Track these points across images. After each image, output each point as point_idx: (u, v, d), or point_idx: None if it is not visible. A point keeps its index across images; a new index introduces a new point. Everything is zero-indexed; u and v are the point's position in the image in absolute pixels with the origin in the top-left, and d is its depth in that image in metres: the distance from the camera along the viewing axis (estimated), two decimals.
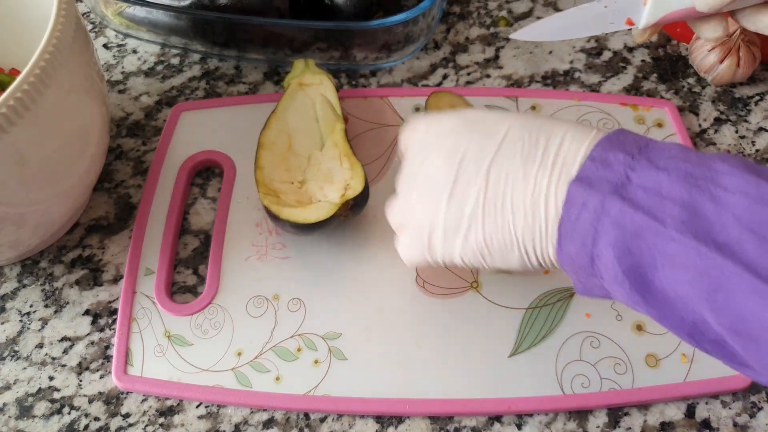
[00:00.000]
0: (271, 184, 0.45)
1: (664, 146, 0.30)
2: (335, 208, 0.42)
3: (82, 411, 0.42)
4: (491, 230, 0.32)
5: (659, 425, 0.40)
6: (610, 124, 0.50)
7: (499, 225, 0.32)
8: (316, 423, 0.41)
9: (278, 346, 0.42)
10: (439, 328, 0.42)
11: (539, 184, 0.31)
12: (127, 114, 0.54)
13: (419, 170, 0.35)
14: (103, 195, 0.50)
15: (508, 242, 0.32)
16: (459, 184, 0.32)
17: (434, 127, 0.35)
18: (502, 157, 0.32)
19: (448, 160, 0.33)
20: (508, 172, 0.31)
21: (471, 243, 0.33)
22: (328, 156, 0.46)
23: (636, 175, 0.29)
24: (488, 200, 0.32)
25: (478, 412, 0.40)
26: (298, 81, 0.50)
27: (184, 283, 0.46)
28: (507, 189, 0.31)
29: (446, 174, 0.33)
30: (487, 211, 0.32)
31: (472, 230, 0.32)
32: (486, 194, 0.32)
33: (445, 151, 0.33)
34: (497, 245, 0.32)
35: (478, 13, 0.59)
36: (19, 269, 0.47)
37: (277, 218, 0.43)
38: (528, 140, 0.32)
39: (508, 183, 0.31)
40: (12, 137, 0.35)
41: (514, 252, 0.32)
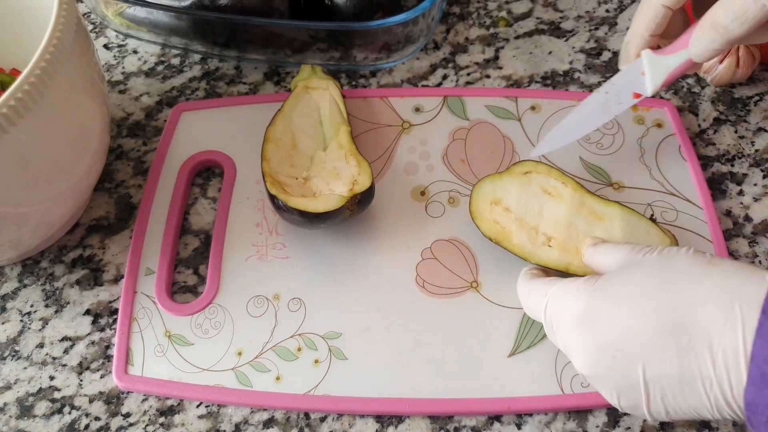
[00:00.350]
0: (276, 177, 0.45)
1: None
2: (344, 201, 0.42)
3: (82, 411, 0.42)
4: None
5: (659, 425, 0.40)
6: (609, 125, 0.50)
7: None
8: (316, 423, 0.41)
9: (278, 346, 0.42)
10: (439, 328, 0.42)
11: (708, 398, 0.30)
12: (127, 114, 0.54)
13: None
14: (104, 195, 0.50)
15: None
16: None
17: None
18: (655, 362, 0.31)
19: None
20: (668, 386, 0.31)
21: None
22: (334, 156, 0.47)
23: None
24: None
25: (477, 412, 0.40)
26: (305, 84, 0.50)
27: (184, 283, 0.46)
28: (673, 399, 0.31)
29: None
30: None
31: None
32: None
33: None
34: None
35: (477, 13, 0.59)
36: (20, 269, 0.47)
37: (283, 208, 0.42)
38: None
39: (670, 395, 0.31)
40: (13, 137, 0.35)
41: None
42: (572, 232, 0.42)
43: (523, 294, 0.39)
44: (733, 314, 0.29)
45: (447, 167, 0.49)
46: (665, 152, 0.49)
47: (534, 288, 0.38)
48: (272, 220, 0.47)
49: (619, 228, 0.41)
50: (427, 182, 0.48)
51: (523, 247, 0.42)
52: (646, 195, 0.47)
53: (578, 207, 0.42)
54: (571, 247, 0.41)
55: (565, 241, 0.41)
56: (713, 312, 0.29)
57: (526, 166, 0.44)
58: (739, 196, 0.48)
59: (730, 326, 0.28)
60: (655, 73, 0.41)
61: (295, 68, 0.56)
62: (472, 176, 0.48)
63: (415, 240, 0.46)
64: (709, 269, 0.31)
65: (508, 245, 0.42)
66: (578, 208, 0.42)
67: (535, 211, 0.43)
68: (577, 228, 0.42)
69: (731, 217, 0.47)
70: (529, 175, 0.44)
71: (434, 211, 0.47)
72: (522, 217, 0.43)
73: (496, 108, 0.52)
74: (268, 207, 0.48)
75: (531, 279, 0.39)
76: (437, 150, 0.50)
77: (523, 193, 0.43)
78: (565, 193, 0.43)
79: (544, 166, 0.44)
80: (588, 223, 0.42)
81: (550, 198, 0.43)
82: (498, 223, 0.43)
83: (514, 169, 0.44)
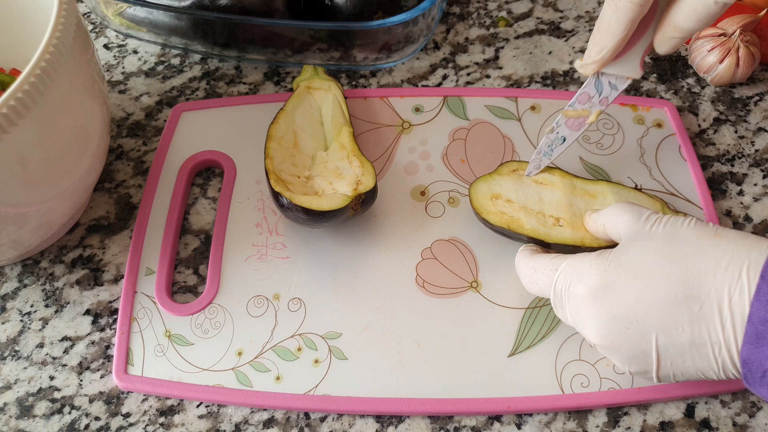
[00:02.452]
0: (279, 174, 0.45)
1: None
2: (348, 200, 0.42)
3: (82, 411, 0.42)
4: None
5: (659, 425, 0.40)
6: (609, 125, 0.50)
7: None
8: (316, 422, 0.41)
9: (278, 346, 0.42)
10: (439, 328, 0.42)
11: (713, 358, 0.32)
12: (127, 114, 0.54)
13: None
14: (104, 195, 0.50)
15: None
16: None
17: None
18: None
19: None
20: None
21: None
22: (336, 156, 0.47)
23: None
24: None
25: (477, 412, 0.40)
26: (307, 84, 0.50)
27: (184, 282, 0.46)
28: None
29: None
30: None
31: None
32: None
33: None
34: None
35: (477, 13, 0.59)
36: (20, 269, 0.47)
37: (287, 206, 0.42)
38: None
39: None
40: (13, 137, 0.35)
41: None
42: (575, 211, 0.43)
43: (528, 269, 0.40)
44: (740, 281, 0.31)
45: (447, 167, 0.49)
46: (665, 152, 0.49)
47: (540, 263, 0.39)
48: (272, 219, 0.47)
49: (613, 201, 0.44)
50: (427, 182, 0.48)
51: (537, 230, 0.42)
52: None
53: (572, 189, 0.44)
54: (579, 223, 0.43)
55: (572, 219, 0.43)
56: (722, 280, 0.31)
57: (512, 165, 0.46)
58: (739, 196, 0.48)
59: (738, 292, 0.31)
60: (624, 67, 0.41)
61: (295, 68, 0.56)
62: (472, 176, 0.48)
63: (415, 240, 0.46)
64: (716, 240, 0.33)
65: (522, 231, 0.42)
66: (572, 191, 0.44)
67: (535, 198, 0.44)
68: (577, 206, 0.43)
69: (731, 217, 0.47)
70: (517, 171, 0.45)
71: (434, 211, 0.47)
72: (525, 205, 0.44)
73: (496, 108, 0.52)
74: (269, 207, 0.48)
75: (533, 255, 0.40)
76: (437, 150, 0.50)
77: (518, 185, 0.44)
78: (555, 180, 0.44)
79: (527, 163, 0.45)
80: (585, 201, 0.44)
81: (543, 187, 0.44)
82: (504, 213, 0.43)
83: (501, 170, 0.45)
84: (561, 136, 0.44)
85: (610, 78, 0.42)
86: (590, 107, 0.43)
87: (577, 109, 0.44)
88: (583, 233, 0.42)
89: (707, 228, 0.34)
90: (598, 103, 0.43)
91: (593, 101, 0.43)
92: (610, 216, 0.39)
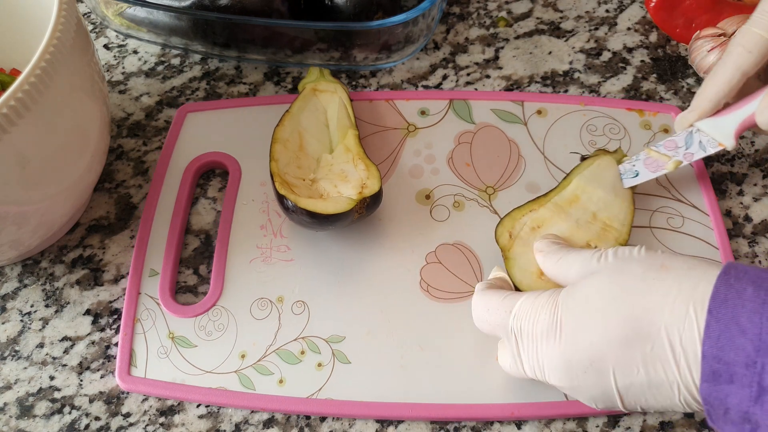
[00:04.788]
0: (285, 177, 0.45)
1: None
2: (353, 203, 0.42)
3: (82, 410, 0.42)
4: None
5: (659, 425, 0.40)
6: (615, 129, 0.50)
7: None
8: (316, 423, 0.41)
9: (282, 349, 0.42)
10: (443, 333, 0.42)
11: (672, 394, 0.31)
12: (127, 114, 0.54)
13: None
14: (104, 195, 0.50)
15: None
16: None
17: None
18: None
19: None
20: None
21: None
22: (341, 159, 0.47)
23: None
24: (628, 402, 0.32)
25: (480, 417, 0.40)
26: (313, 86, 0.50)
27: (185, 282, 0.46)
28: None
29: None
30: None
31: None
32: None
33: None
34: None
35: (477, 13, 0.59)
36: (20, 269, 0.47)
37: (292, 209, 0.42)
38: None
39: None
40: (13, 137, 0.35)
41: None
42: (582, 227, 0.42)
43: (480, 308, 0.37)
44: (689, 317, 0.29)
45: (452, 171, 0.49)
46: None
47: (494, 302, 0.37)
48: (277, 222, 0.47)
49: (594, 187, 0.43)
50: (432, 186, 0.48)
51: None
52: (652, 201, 0.47)
53: (559, 211, 0.43)
54: (595, 230, 0.42)
55: (586, 232, 0.42)
56: (670, 318, 0.30)
57: (501, 236, 0.42)
58: (739, 196, 0.48)
59: (688, 329, 0.29)
60: (719, 131, 0.42)
61: (295, 68, 0.56)
62: (478, 180, 0.48)
63: (419, 244, 0.46)
64: (662, 274, 0.31)
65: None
66: (560, 212, 0.43)
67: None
68: (580, 221, 0.42)
69: (731, 217, 0.47)
70: (513, 239, 0.42)
71: (439, 214, 0.47)
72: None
73: (502, 112, 0.51)
74: (273, 209, 0.48)
75: (487, 292, 0.38)
76: (443, 153, 0.50)
77: (526, 250, 0.41)
78: (543, 215, 0.43)
79: (508, 220, 0.43)
80: (577, 209, 0.43)
81: (540, 228, 0.42)
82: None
83: (500, 240, 0.42)
84: (635, 170, 0.44)
85: (703, 137, 0.43)
86: (673, 156, 0.43)
87: (660, 151, 0.44)
88: (602, 234, 0.42)
89: (654, 260, 0.33)
90: (682, 155, 0.43)
91: (678, 151, 0.43)
92: (562, 267, 0.37)
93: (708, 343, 0.28)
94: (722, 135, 0.42)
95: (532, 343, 0.34)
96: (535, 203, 0.43)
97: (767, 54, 0.40)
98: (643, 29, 0.57)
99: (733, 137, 0.41)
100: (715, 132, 0.42)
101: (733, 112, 0.42)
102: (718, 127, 0.42)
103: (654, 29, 0.57)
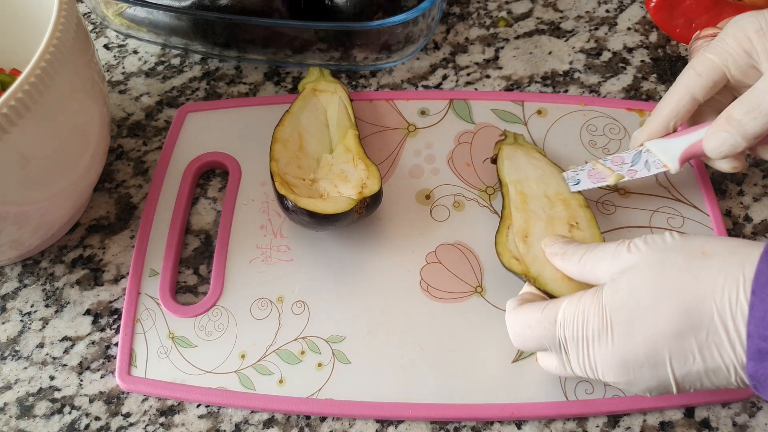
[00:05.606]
0: (285, 177, 0.45)
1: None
2: (353, 203, 0.42)
3: (82, 411, 0.42)
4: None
5: (659, 425, 0.40)
6: (615, 129, 0.50)
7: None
8: (316, 423, 0.41)
9: (282, 349, 0.42)
10: (443, 333, 0.42)
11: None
12: (127, 114, 0.54)
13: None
14: (104, 195, 0.50)
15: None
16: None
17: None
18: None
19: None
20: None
21: None
22: (341, 159, 0.47)
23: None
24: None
25: (481, 418, 0.40)
26: (313, 86, 0.50)
27: (185, 282, 0.46)
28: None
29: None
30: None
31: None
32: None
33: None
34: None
35: (477, 13, 0.59)
36: (20, 269, 0.47)
37: (292, 209, 0.42)
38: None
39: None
40: (13, 137, 0.35)
41: None
42: (552, 213, 0.43)
43: (521, 326, 0.37)
44: (739, 301, 0.30)
45: (452, 171, 0.49)
46: None
47: (533, 318, 0.36)
48: (277, 222, 0.47)
49: (524, 177, 0.45)
50: (433, 186, 0.48)
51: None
52: (652, 201, 0.47)
53: (527, 214, 0.43)
54: (560, 209, 0.43)
55: (559, 215, 0.43)
56: (721, 303, 0.31)
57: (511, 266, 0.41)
58: (739, 196, 0.48)
59: (740, 312, 0.30)
60: (666, 154, 0.43)
61: (295, 68, 0.56)
62: (478, 180, 0.48)
63: (419, 244, 0.46)
64: (706, 261, 0.32)
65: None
66: (528, 214, 0.43)
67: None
68: (545, 210, 0.43)
69: (731, 217, 0.47)
70: (522, 260, 0.41)
71: (439, 214, 0.47)
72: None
73: (502, 112, 0.51)
74: (273, 209, 0.48)
75: (522, 309, 0.37)
76: (443, 153, 0.50)
77: (542, 262, 0.40)
78: (520, 225, 0.42)
79: (501, 247, 0.42)
80: (533, 203, 0.44)
81: (528, 237, 0.42)
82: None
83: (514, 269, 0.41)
84: (578, 178, 0.44)
85: (650, 157, 0.43)
86: (617, 170, 0.44)
87: (606, 165, 0.44)
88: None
89: (692, 246, 0.33)
90: (626, 172, 0.43)
91: (623, 167, 0.44)
92: (586, 266, 0.37)
93: (753, 323, 0.29)
94: (668, 157, 0.42)
95: (583, 345, 0.34)
96: (505, 220, 0.43)
97: (717, 80, 0.40)
98: (643, 29, 0.57)
99: (678, 161, 0.42)
100: (662, 154, 0.42)
101: (682, 136, 0.42)
102: (666, 149, 0.42)
103: (654, 29, 0.57)
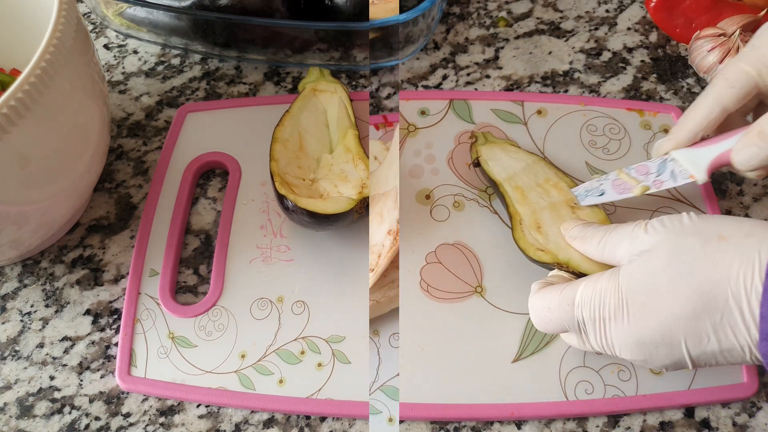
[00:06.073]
0: (285, 177, 0.45)
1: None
2: (353, 203, 0.42)
3: (82, 410, 0.42)
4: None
5: (659, 425, 0.40)
6: (615, 129, 0.50)
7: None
8: (316, 422, 0.41)
9: (282, 349, 0.42)
10: (443, 333, 0.42)
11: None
12: (127, 114, 0.54)
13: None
14: (104, 195, 0.50)
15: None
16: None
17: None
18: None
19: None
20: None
21: None
22: (341, 159, 0.47)
23: None
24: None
25: (480, 418, 0.40)
26: (313, 86, 0.50)
27: (185, 282, 0.46)
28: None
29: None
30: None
31: None
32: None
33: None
34: None
35: (477, 13, 0.59)
36: (20, 269, 0.47)
37: (292, 209, 0.42)
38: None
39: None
40: (13, 137, 0.35)
41: None
42: (550, 199, 0.44)
43: (542, 310, 0.38)
44: (754, 283, 0.31)
45: (452, 171, 0.49)
46: None
47: (553, 300, 0.37)
48: (277, 222, 0.47)
49: (513, 171, 0.46)
50: (432, 186, 0.48)
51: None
52: (652, 201, 0.47)
53: (529, 205, 0.44)
54: (554, 193, 0.44)
55: (556, 198, 0.44)
56: (736, 287, 0.31)
57: (539, 257, 0.41)
58: (739, 196, 0.48)
59: (755, 293, 0.31)
60: (693, 164, 0.42)
61: (295, 68, 0.56)
62: (478, 180, 0.48)
63: (419, 244, 0.46)
64: (722, 244, 0.32)
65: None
66: (529, 205, 0.44)
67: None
68: (544, 197, 0.44)
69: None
70: (546, 250, 0.41)
71: (439, 214, 0.47)
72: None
73: (502, 112, 0.51)
74: (273, 209, 0.48)
75: (543, 291, 0.38)
76: (443, 153, 0.50)
77: (565, 247, 0.40)
78: (528, 217, 0.43)
79: (521, 242, 0.42)
80: (531, 194, 0.44)
81: (541, 228, 0.42)
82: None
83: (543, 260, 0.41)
84: (602, 189, 0.43)
85: (676, 167, 0.42)
86: (642, 181, 0.43)
87: (631, 174, 0.43)
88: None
89: (709, 228, 0.33)
90: (651, 182, 0.42)
91: (648, 177, 0.42)
92: (606, 248, 0.37)
93: (766, 305, 0.30)
94: (695, 167, 0.41)
95: (600, 326, 0.35)
96: (514, 217, 0.43)
97: (750, 90, 0.39)
98: (643, 29, 0.57)
99: (706, 171, 0.41)
100: (689, 164, 0.41)
101: (709, 146, 0.41)
102: (693, 159, 0.41)
103: (654, 29, 0.57)
